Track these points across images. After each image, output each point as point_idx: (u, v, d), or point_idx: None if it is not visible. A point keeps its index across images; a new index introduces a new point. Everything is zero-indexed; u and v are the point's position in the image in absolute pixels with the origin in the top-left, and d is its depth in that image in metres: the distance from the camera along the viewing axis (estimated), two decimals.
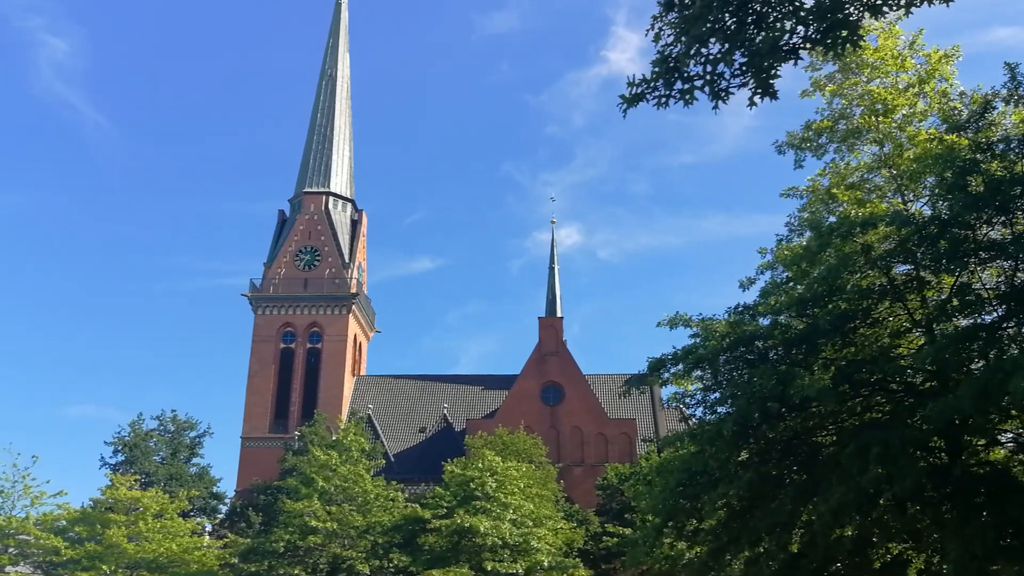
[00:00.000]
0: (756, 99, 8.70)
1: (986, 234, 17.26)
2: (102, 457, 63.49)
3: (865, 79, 22.82)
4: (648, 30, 8.89)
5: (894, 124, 22.29)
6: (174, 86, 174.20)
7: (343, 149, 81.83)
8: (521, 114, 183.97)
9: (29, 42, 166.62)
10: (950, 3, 8.47)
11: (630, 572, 42.01)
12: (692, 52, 8.71)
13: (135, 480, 51.08)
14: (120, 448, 62.46)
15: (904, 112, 22.29)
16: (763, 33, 8.54)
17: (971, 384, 14.77)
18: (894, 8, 8.59)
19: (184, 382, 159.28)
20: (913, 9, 8.60)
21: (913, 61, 22.53)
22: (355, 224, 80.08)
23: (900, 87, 22.47)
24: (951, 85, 22.05)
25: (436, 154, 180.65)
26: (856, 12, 8.51)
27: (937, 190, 18.45)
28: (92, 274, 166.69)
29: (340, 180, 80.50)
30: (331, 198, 78.85)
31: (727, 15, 8.60)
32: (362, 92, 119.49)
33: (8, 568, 44.82)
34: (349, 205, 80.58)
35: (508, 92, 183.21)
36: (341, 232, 78.00)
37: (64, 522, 46.85)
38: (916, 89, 22.31)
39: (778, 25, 8.50)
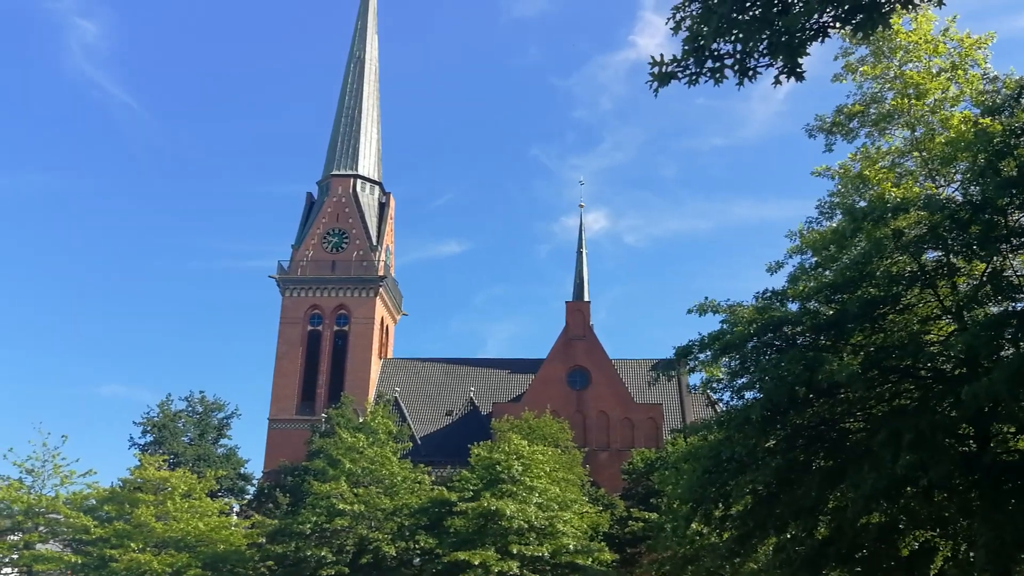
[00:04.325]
0: (782, 79, 8.63)
1: (1018, 220, 17.03)
2: (131, 437, 64.39)
3: (897, 63, 22.54)
4: (668, 19, 8.82)
5: (926, 108, 22.00)
6: (203, 68, 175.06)
7: (371, 132, 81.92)
8: (549, 98, 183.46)
9: (59, 24, 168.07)
10: None
11: (655, 556, 42.03)
12: (722, 29, 8.63)
13: (163, 460, 51.60)
14: (149, 428, 63.13)
15: (936, 96, 22.01)
16: (789, 16, 8.45)
17: (1005, 368, 14.61)
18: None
19: (212, 363, 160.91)
20: None
21: (946, 46, 22.22)
22: (383, 207, 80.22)
23: (933, 71, 22.18)
24: (984, 70, 21.75)
25: (464, 137, 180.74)
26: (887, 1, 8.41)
27: (969, 174, 18.21)
28: (122, 255, 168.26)
29: (368, 163, 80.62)
30: (359, 181, 79.00)
31: (751, 2, 8.51)
32: (390, 75, 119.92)
33: (38, 546, 45.48)
34: (377, 188, 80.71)
35: (536, 75, 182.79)
36: (369, 215, 78.19)
37: (93, 501, 47.43)
38: (949, 74, 22.01)
39: (804, 9, 8.40)
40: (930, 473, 15.87)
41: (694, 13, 8.75)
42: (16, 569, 45.91)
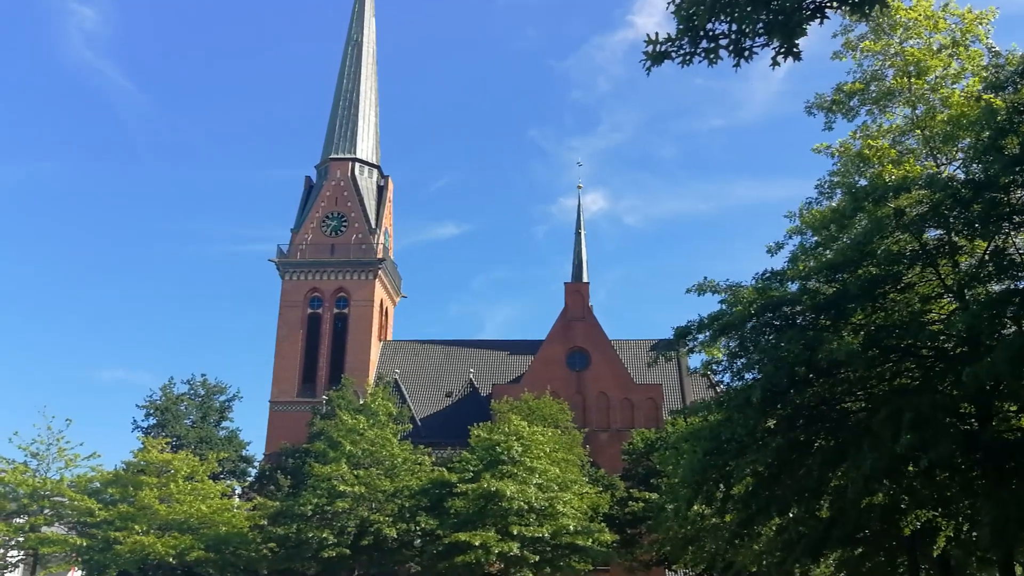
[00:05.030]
0: (780, 59, 8.51)
1: (1020, 197, 16.92)
2: (134, 420, 64.40)
3: (898, 40, 22.36)
4: (669, 2, 8.71)
5: (927, 86, 21.84)
6: (202, 53, 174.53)
7: (369, 115, 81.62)
8: (547, 79, 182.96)
9: (58, 10, 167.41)
10: None
11: (656, 537, 42.14)
12: (716, 10, 8.53)
13: (166, 443, 51.69)
14: (152, 411, 63.19)
15: (937, 73, 21.84)
16: None
17: (1006, 347, 14.55)
18: None
19: (214, 347, 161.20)
20: None
21: (947, 22, 22.04)
22: (381, 190, 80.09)
23: (933, 48, 22.00)
24: (987, 46, 21.57)
25: (462, 120, 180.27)
26: None
27: (972, 151, 18.09)
28: (124, 240, 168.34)
29: (366, 146, 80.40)
30: (357, 164, 78.83)
31: None
32: (388, 58, 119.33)
33: (44, 528, 45.60)
34: (375, 171, 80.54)
35: (534, 57, 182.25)
36: (367, 198, 78.04)
37: (97, 484, 47.55)
38: (950, 50, 21.84)
39: None
40: (930, 452, 15.82)
41: None
42: (22, 551, 46.07)
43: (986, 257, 17.61)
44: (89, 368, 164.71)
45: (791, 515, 22.50)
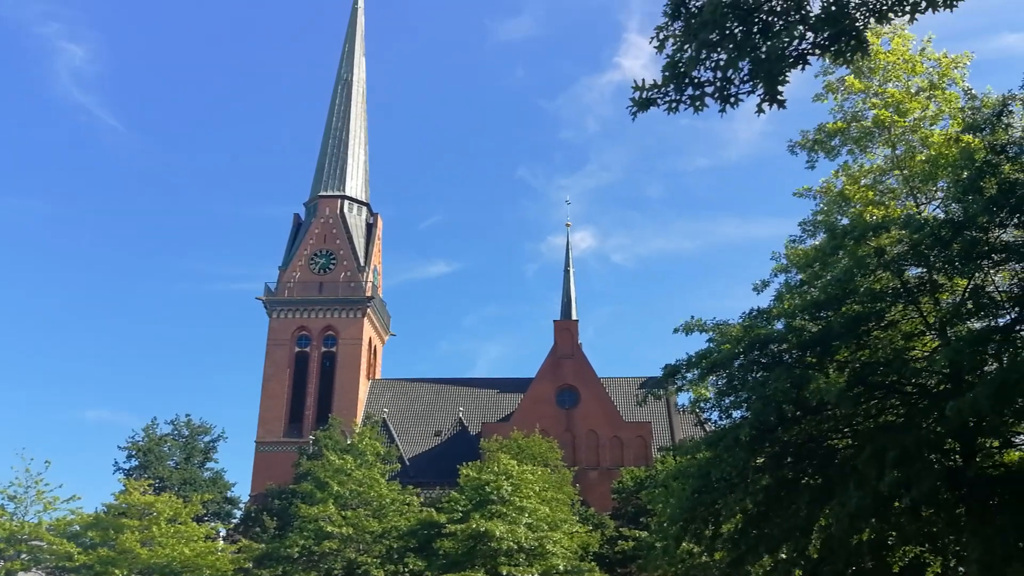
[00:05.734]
0: (764, 106, 8.67)
1: (999, 236, 17.15)
2: (116, 462, 63.61)
3: (877, 82, 22.77)
4: (652, 38, 8.85)
5: (906, 125, 22.21)
6: (190, 91, 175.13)
7: (358, 153, 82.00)
8: (536, 119, 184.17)
9: (47, 48, 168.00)
10: (954, 8, 8.41)
11: None
12: (701, 58, 8.69)
13: (149, 485, 51.08)
14: (134, 453, 62.52)
15: (916, 115, 22.23)
16: (769, 42, 8.50)
17: (988, 384, 14.70)
18: (899, 14, 8.55)
19: (199, 386, 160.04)
20: (919, 16, 8.54)
21: (924, 65, 22.50)
22: (370, 228, 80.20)
23: (912, 91, 22.42)
24: (964, 88, 22.01)
25: (451, 158, 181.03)
26: (862, 18, 8.48)
27: (952, 191, 18.36)
28: (108, 278, 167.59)
29: (355, 184, 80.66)
30: (346, 202, 79.01)
31: (734, 24, 8.56)
32: (378, 97, 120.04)
33: (20, 573, 44.85)
34: (364, 209, 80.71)
35: (523, 97, 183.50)
36: (356, 236, 78.13)
37: (77, 527, 46.75)
38: (928, 93, 22.27)
39: (785, 33, 8.46)
40: (913, 490, 15.89)
41: (676, 32, 8.78)
42: None
43: (966, 295, 17.82)
44: (71, 409, 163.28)
45: (782, 555, 22.45)
